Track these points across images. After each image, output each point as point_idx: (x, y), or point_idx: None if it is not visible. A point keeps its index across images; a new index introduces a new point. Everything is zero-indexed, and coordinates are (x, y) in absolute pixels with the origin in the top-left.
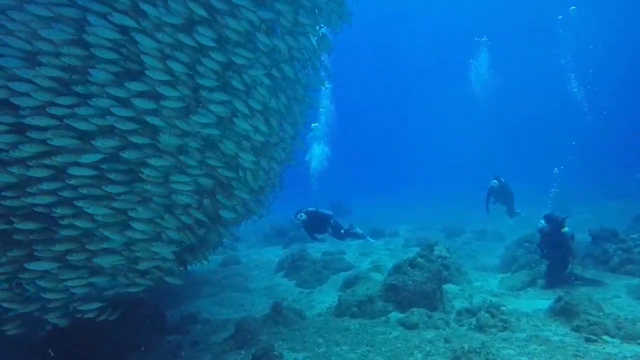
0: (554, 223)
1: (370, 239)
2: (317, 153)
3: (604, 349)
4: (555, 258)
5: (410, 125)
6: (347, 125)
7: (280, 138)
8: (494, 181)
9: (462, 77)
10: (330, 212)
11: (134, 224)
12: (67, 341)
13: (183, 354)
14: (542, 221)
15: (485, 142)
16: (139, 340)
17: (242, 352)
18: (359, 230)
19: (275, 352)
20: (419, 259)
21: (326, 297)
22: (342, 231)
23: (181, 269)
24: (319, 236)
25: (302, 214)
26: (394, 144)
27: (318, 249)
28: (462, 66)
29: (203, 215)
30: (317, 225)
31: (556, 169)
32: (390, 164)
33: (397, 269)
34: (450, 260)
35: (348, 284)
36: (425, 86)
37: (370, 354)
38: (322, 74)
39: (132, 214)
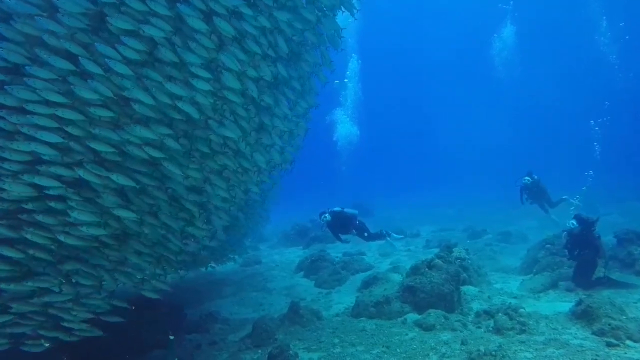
0: (585, 224)
1: (395, 236)
2: (345, 128)
3: (626, 354)
4: (586, 259)
5: (433, 123)
6: (369, 125)
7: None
8: (526, 178)
9: (484, 62)
10: (355, 212)
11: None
12: (86, 341)
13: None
14: (573, 221)
15: (511, 132)
16: (154, 341)
17: (259, 351)
18: (392, 234)
19: (291, 352)
20: (436, 260)
21: (344, 298)
22: (366, 234)
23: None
24: (343, 236)
25: (327, 214)
26: (418, 143)
27: (338, 249)
28: (483, 54)
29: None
30: (341, 225)
31: (592, 121)
32: (414, 164)
33: (415, 270)
34: (469, 261)
35: (366, 284)
36: (446, 82)
37: (385, 355)
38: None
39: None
